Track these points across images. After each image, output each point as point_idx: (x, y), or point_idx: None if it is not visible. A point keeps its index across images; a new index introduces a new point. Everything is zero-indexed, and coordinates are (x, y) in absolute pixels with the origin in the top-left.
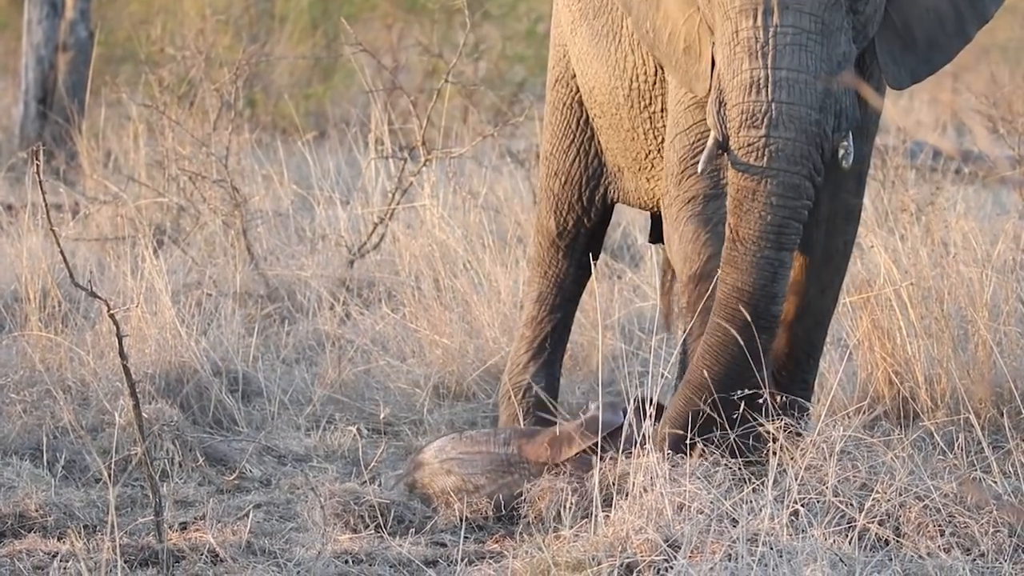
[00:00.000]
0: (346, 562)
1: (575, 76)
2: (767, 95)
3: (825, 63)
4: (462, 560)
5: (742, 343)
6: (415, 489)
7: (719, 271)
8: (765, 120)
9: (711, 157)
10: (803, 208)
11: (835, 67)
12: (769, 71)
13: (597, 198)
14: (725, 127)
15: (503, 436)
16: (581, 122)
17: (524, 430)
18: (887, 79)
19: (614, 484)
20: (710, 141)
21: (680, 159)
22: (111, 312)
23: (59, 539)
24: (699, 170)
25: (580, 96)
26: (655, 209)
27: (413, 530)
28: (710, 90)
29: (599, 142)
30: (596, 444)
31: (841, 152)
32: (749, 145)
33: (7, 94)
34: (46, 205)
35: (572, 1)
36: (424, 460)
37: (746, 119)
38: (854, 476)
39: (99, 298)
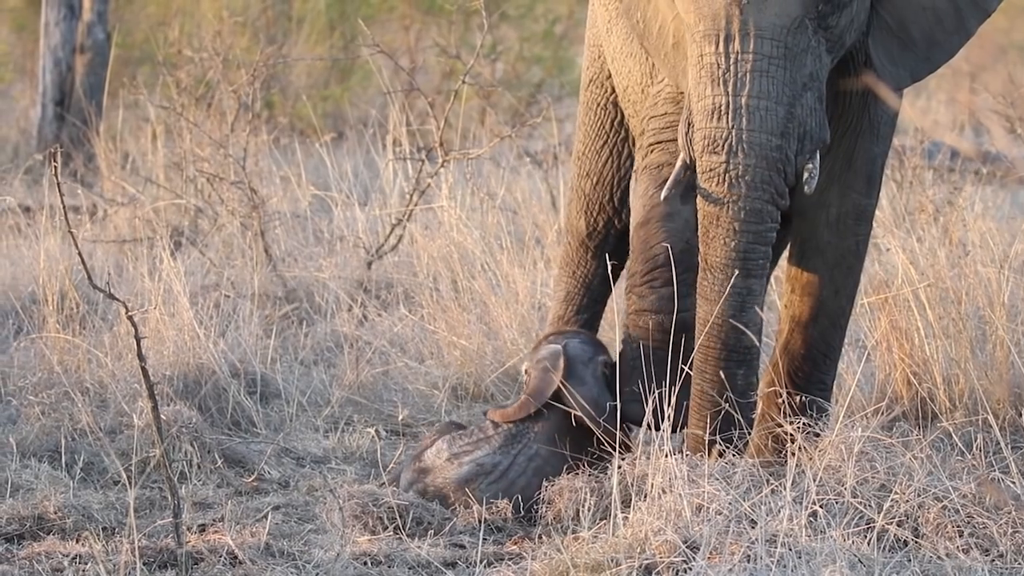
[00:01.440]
0: (365, 564)
1: (610, 77)
2: (727, 122)
3: (788, 87)
4: (481, 562)
5: (721, 386)
6: (427, 495)
7: (695, 307)
8: (725, 147)
9: (678, 180)
10: (768, 232)
11: (800, 89)
12: (730, 98)
13: (629, 200)
14: (692, 150)
15: (487, 424)
16: (615, 123)
17: (496, 408)
18: (885, 80)
19: (632, 485)
20: (678, 163)
21: (647, 139)
22: (129, 314)
23: (78, 541)
24: (662, 196)
25: (614, 97)
26: None
27: (432, 531)
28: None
29: (632, 144)
30: (564, 369)
31: (805, 175)
32: (711, 171)
33: (25, 96)
34: (64, 207)
35: (609, 0)
36: (428, 466)
37: (708, 144)
38: (873, 477)
39: (117, 300)
